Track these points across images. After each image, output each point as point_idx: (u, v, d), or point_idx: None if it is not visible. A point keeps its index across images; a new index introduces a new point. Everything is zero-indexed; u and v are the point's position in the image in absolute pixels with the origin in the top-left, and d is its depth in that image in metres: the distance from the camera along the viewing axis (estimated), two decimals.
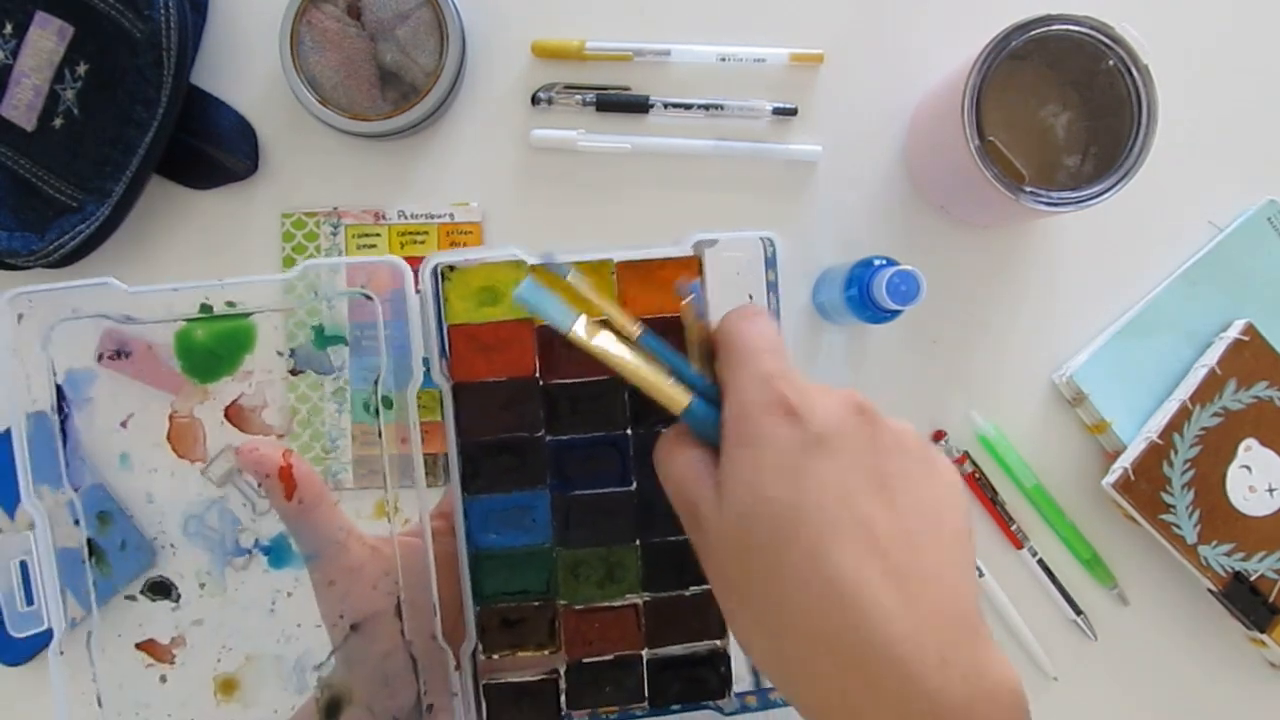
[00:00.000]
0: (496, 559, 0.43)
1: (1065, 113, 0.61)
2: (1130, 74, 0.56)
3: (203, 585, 0.42)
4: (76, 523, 0.41)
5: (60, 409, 0.40)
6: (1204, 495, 0.61)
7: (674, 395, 0.37)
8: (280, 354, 0.42)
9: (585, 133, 0.64)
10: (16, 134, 0.60)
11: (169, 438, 0.41)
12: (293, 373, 0.42)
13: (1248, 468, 0.62)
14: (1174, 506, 0.61)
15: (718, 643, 0.44)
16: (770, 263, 0.43)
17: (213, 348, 0.41)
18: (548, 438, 0.43)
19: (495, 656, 0.43)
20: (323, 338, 0.42)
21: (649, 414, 0.42)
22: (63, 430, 0.40)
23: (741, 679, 0.44)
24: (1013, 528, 0.64)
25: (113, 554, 0.41)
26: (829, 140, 0.65)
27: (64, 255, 0.59)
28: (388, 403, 0.42)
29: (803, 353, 0.64)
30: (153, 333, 0.41)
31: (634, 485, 0.43)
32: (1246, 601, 0.61)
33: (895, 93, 0.65)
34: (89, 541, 0.41)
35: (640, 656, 0.44)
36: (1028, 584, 0.65)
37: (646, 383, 0.37)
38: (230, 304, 0.41)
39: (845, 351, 0.65)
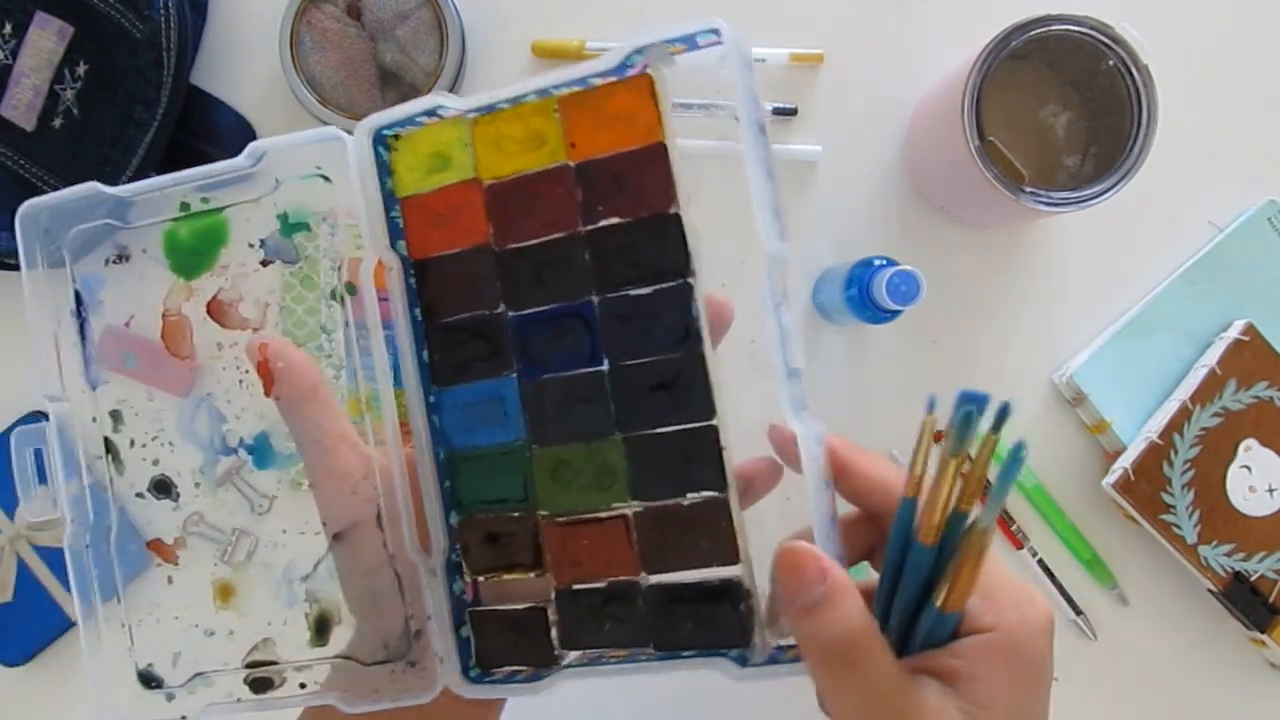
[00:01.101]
0: (472, 460, 0.38)
1: (1065, 113, 0.61)
2: (1130, 74, 0.56)
3: (197, 485, 0.41)
4: (94, 419, 0.42)
5: (79, 313, 0.41)
6: (1204, 495, 0.61)
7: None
8: (251, 245, 0.41)
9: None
10: (16, 134, 0.60)
11: (162, 336, 0.41)
12: (263, 263, 0.41)
13: (1248, 468, 0.62)
14: (1174, 506, 0.61)
15: (733, 571, 0.35)
16: (747, 64, 0.36)
17: (194, 244, 0.41)
18: (509, 313, 0.37)
19: (482, 579, 0.38)
20: (288, 225, 0.41)
21: (613, 274, 0.36)
22: (81, 333, 0.41)
23: (784, 629, 0.35)
24: (1013, 528, 0.64)
25: (124, 452, 0.42)
26: (829, 140, 0.65)
27: None
28: (350, 288, 0.40)
29: (803, 353, 0.64)
30: (146, 237, 0.41)
31: (605, 364, 0.36)
32: (1246, 601, 0.61)
33: (895, 93, 0.65)
34: (105, 440, 0.42)
35: (638, 584, 0.36)
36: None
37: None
38: (205, 200, 0.41)
39: (845, 351, 0.65)
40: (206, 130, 0.62)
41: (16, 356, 0.63)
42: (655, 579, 0.36)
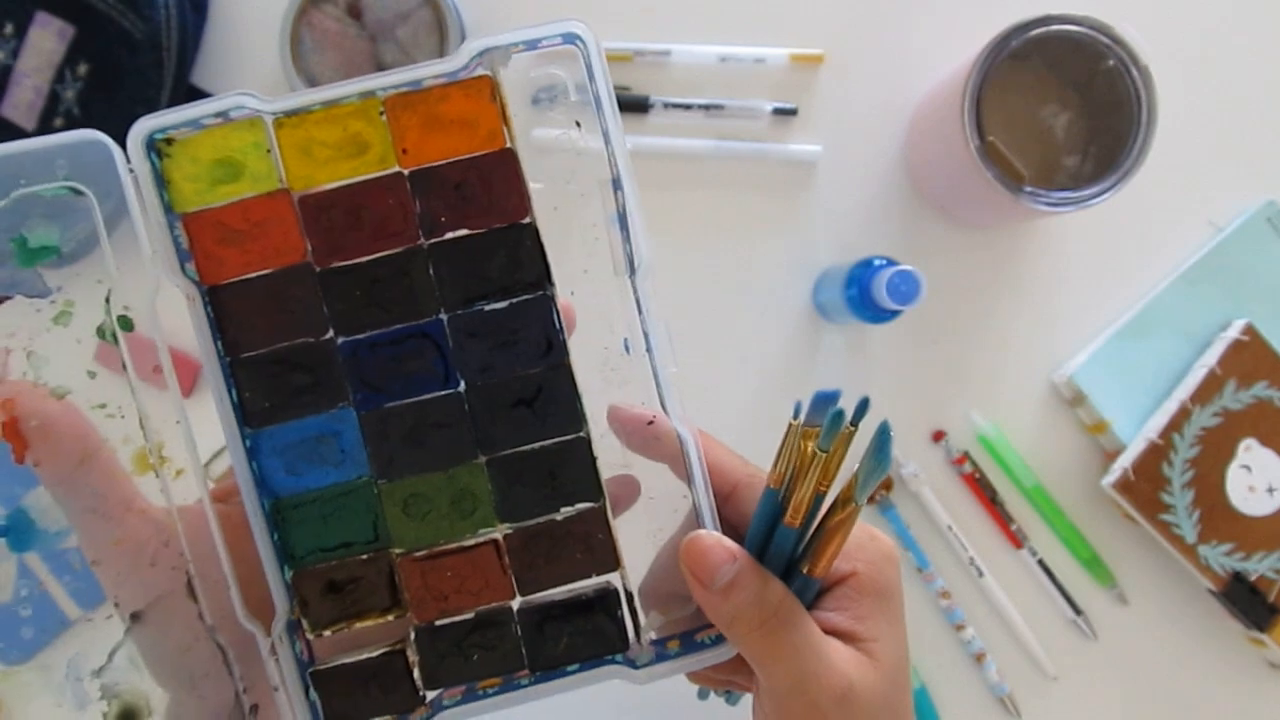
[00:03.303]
0: (303, 506, 0.34)
1: (1065, 113, 0.61)
2: (1130, 74, 0.56)
3: None
4: None
5: None
6: (1204, 495, 0.61)
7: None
8: None
9: (586, 133, 0.63)
10: (17, 134, 0.60)
11: None
12: None
13: (1247, 468, 0.62)
14: (1173, 506, 0.61)
15: (608, 578, 0.34)
16: (594, 71, 0.34)
17: None
18: (339, 339, 0.34)
19: (328, 633, 0.34)
20: (28, 251, 0.33)
21: (463, 289, 0.34)
22: None
23: (654, 624, 0.35)
24: (1012, 528, 0.64)
25: None
26: (829, 140, 0.65)
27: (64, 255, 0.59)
28: (125, 323, 0.33)
29: (803, 353, 0.64)
30: None
31: (460, 385, 0.34)
32: (1246, 601, 0.61)
33: (895, 93, 0.65)
34: None
35: (510, 609, 0.34)
36: (1028, 584, 0.65)
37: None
38: None
39: (845, 351, 0.65)
40: None
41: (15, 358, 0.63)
42: (527, 600, 0.35)
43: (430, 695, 0.34)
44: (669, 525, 0.36)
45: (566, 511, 0.34)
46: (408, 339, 0.34)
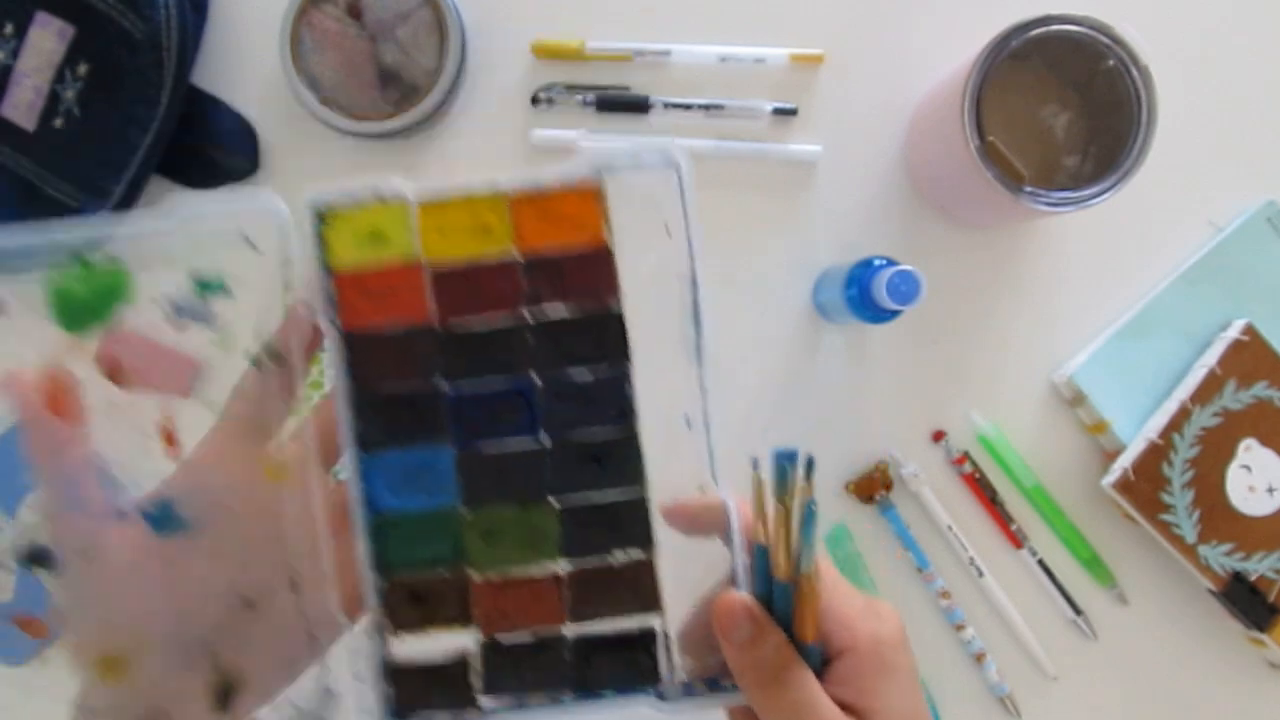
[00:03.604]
0: (400, 524, 0.40)
1: (1065, 113, 0.61)
2: (1130, 74, 0.56)
3: (83, 552, 0.38)
4: None
5: None
6: (1204, 495, 0.61)
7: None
8: (158, 304, 0.39)
9: (585, 133, 0.64)
10: (17, 134, 0.60)
11: (44, 392, 0.38)
12: (174, 325, 0.39)
13: (1247, 468, 0.62)
14: (1173, 506, 0.61)
15: (651, 620, 0.40)
16: (685, 191, 0.40)
17: (88, 300, 0.38)
18: (447, 388, 0.40)
19: (404, 635, 0.39)
20: (204, 285, 0.40)
21: (555, 358, 0.40)
22: None
23: (685, 668, 0.40)
24: (1012, 528, 0.64)
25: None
26: (829, 140, 0.65)
27: None
28: (275, 355, 0.39)
29: (803, 353, 0.64)
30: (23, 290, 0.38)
31: (543, 437, 0.40)
32: (1246, 601, 0.61)
33: (895, 93, 0.65)
34: None
35: (563, 635, 0.40)
36: (1028, 584, 0.65)
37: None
38: (107, 255, 0.38)
39: (845, 351, 0.65)
40: (207, 130, 0.62)
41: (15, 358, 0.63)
42: (578, 629, 0.40)
43: (484, 700, 0.39)
44: (710, 581, 0.40)
45: (620, 557, 0.40)
46: (504, 394, 0.40)
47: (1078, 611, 0.64)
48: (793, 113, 0.64)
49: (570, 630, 0.40)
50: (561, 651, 0.40)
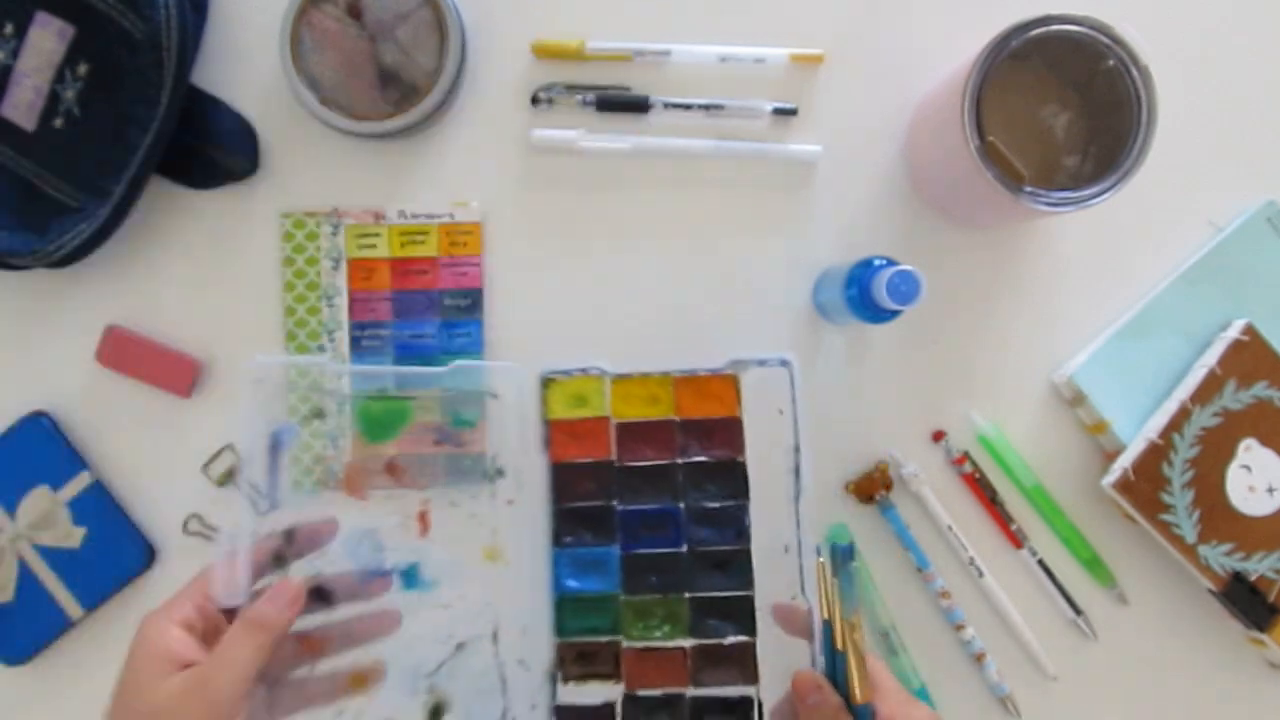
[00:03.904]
0: (576, 601, 0.57)
1: (1065, 113, 0.61)
2: (1130, 74, 0.56)
3: (352, 595, 0.51)
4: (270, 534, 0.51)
5: (274, 449, 0.52)
6: (1203, 495, 0.61)
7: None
8: (428, 428, 0.56)
9: (585, 133, 0.64)
10: (17, 134, 0.60)
11: (345, 479, 0.56)
12: (436, 444, 0.56)
13: (1247, 468, 0.62)
14: (1173, 506, 0.61)
15: (750, 690, 0.56)
16: (794, 385, 0.56)
17: (383, 419, 0.57)
18: (619, 506, 0.57)
19: (570, 684, 0.56)
20: (459, 420, 0.57)
21: (697, 491, 0.58)
22: (273, 464, 0.52)
23: None
24: (1012, 528, 0.64)
25: (291, 565, 0.51)
26: (829, 140, 0.65)
27: (65, 255, 0.59)
28: (500, 471, 0.56)
29: (803, 353, 0.64)
30: (342, 404, 0.58)
31: (684, 547, 0.57)
32: (1246, 601, 0.61)
33: (895, 93, 0.65)
34: (274, 555, 0.50)
35: (684, 695, 0.56)
36: (1028, 584, 0.65)
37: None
38: (399, 392, 0.57)
39: (845, 351, 0.65)
40: (207, 130, 0.62)
41: (16, 357, 0.63)
42: (696, 691, 0.56)
43: None
44: (797, 665, 0.50)
45: (731, 639, 0.56)
46: (658, 513, 0.58)
47: (1078, 611, 0.64)
48: (793, 113, 0.64)
49: (690, 692, 0.56)
50: (683, 708, 0.56)
